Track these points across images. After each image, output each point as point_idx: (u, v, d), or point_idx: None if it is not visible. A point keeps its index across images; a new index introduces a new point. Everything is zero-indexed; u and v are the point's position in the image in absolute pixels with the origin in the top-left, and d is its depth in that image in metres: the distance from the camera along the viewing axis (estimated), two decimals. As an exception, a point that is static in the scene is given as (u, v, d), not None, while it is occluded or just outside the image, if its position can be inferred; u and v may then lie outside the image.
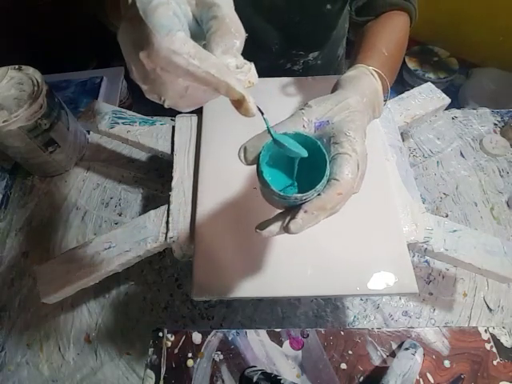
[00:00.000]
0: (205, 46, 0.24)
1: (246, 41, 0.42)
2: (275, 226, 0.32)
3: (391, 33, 0.52)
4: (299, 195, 0.31)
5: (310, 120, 0.33)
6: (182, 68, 0.22)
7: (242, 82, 0.25)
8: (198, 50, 0.22)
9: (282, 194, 0.31)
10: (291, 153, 0.31)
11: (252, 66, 0.26)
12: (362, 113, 0.35)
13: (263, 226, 0.33)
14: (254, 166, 0.36)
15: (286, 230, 0.31)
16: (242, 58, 0.25)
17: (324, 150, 0.32)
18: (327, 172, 0.31)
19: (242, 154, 0.34)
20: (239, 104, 0.26)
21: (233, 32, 0.24)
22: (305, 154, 0.31)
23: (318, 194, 0.31)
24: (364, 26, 0.59)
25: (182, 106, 0.26)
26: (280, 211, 0.35)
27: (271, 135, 0.32)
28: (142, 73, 0.24)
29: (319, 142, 0.32)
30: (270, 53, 0.72)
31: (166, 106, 0.26)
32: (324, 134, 0.33)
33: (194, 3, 0.24)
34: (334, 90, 0.39)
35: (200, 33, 0.25)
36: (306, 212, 0.30)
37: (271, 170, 0.35)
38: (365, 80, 0.39)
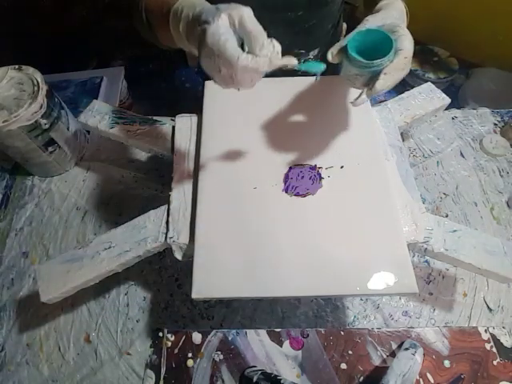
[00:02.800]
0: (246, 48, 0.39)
1: None
2: (363, 94, 0.46)
3: None
4: (380, 60, 0.43)
5: (370, 27, 0.47)
6: (251, 69, 0.37)
7: (278, 57, 0.39)
8: (253, 58, 0.37)
9: (369, 62, 0.44)
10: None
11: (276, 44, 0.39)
12: (401, 20, 0.50)
13: (355, 101, 0.47)
14: (252, 168, 0.52)
15: (372, 91, 0.45)
16: (268, 44, 0.39)
17: (388, 34, 0.45)
18: (394, 45, 0.44)
19: (330, 55, 0.48)
20: (285, 66, 0.40)
21: (260, 37, 0.38)
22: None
23: (391, 62, 0.43)
24: None
25: (249, 87, 0.40)
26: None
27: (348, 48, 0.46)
28: (223, 79, 0.39)
29: (383, 29, 0.46)
30: None
31: (239, 90, 0.41)
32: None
33: (234, 30, 0.38)
34: (376, 11, 0.51)
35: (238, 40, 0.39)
36: (385, 74, 0.44)
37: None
38: (398, 3, 0.52)
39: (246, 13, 0.38)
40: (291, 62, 0.40)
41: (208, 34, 0.36)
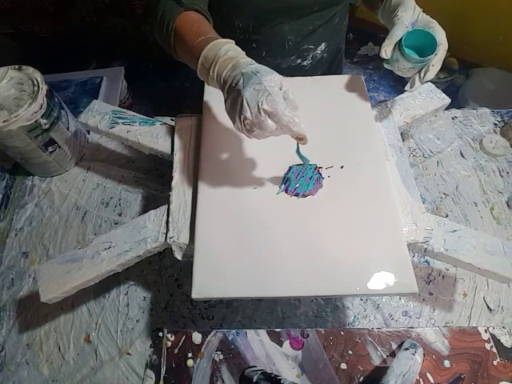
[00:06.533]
0: None
1: (262, 44, 0.73)
2: (416, 82, 0.55)
3: None
4: (430, 55, 0.53)
5: (408, 23, 0.55)
6: (287, 122, 0.42)
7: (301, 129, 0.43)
8: (292, 117, 0.42)
9: (423, 58, 0.53)
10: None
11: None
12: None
13: (411, 89, 0.56)
14: (251, 168, 0.56)
15: (424, 79, 0.54)
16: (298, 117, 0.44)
17: (432, 33, 0.54)
18: (438, 41, 0.53)
19: (384, 53, 0.54)
20: (299, 139, 0.44)
21: (296, 107, 0.45)
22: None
23: (435, 55, 0.53)
24: None
25: (262, 137, 0.45)
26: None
27: (401, 44, 0.54)
28: (255, 116, 0.42)
29: (427, 29, 0.54)
30: (283, 50, 0.74)
31: (250, 137, 0.45)
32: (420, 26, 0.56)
33: None
34: (397, 4, 0.57)
35: None
36: (433, 65, 0.53)
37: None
38: None
39: (290, 86, 0.44)
40: (305, 139, 0.44)
41: (267, 78, 0.42)
